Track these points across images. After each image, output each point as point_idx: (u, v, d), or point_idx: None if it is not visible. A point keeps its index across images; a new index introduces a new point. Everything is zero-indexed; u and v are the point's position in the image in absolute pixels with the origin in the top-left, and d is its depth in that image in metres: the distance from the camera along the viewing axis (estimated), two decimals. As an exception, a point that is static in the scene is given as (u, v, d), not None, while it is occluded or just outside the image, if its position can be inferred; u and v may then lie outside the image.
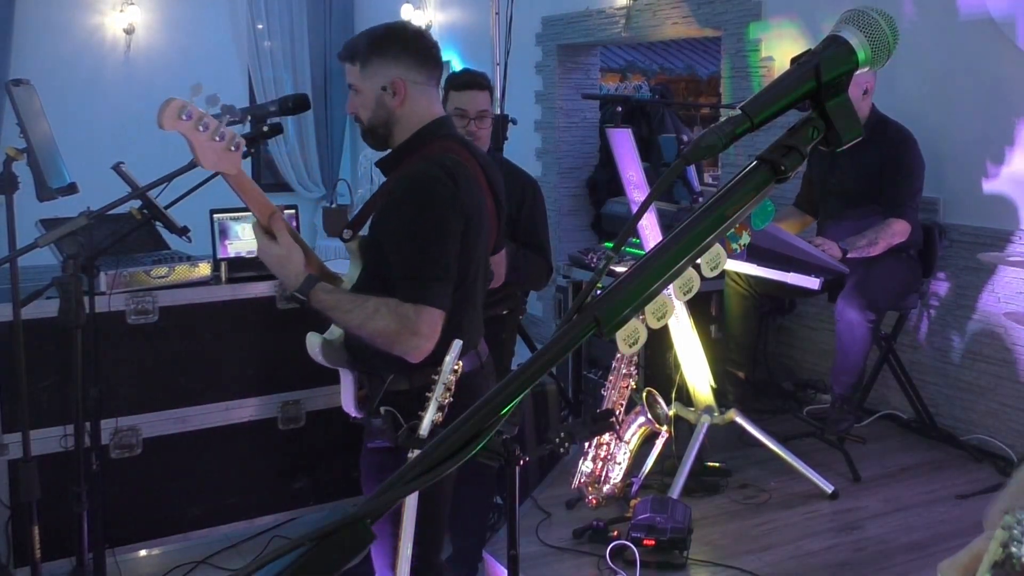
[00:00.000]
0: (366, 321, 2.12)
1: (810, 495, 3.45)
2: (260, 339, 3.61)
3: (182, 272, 3.45)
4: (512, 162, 3.71)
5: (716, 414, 3.50)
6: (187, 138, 1.98)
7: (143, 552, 3.64)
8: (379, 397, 2.21)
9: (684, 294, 0.97)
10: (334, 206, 8.33)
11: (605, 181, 6.42)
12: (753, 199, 0.85)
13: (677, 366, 3.60)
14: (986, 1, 3.82)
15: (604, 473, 3.36)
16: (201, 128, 1.97)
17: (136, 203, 2.74)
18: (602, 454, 3.35)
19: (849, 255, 3.59)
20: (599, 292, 0.81)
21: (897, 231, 3.69)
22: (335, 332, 2.30)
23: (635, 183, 3.43)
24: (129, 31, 8.14)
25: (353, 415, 2.32)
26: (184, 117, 1.95)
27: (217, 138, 2.00)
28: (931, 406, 4.08)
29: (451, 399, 2.03)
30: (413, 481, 0.75)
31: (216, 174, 2.13)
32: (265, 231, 2.16)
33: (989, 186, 3.91)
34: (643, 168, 3.43)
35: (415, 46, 2.25)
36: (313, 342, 2.26)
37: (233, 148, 2.02)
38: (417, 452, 1.93)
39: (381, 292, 2.15)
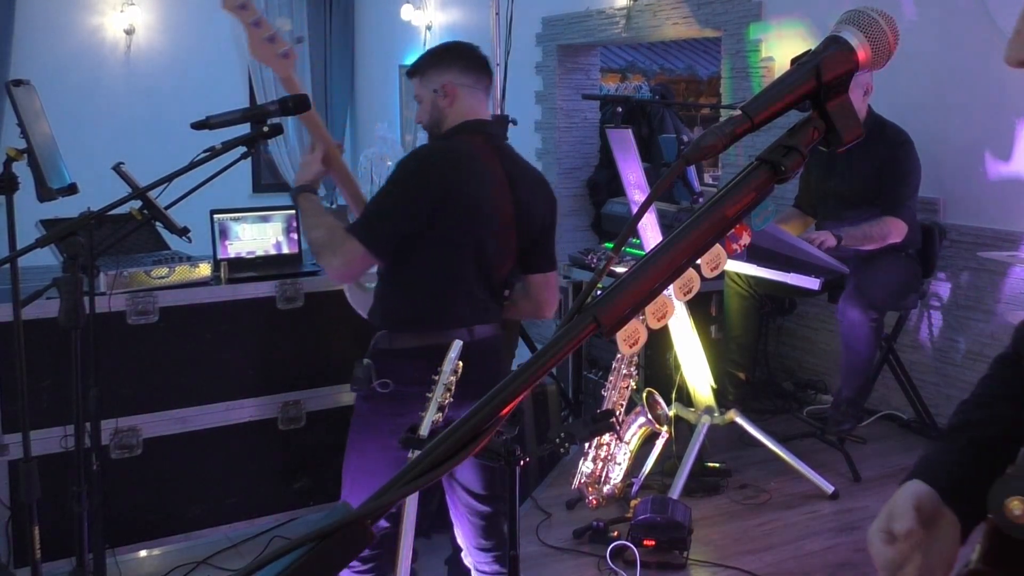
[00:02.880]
0: (310, 229, 2.50)
1: (810, 495, 3.45)
2: (260, 339, 3.61)
3: (182, 272, 3.45)
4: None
5: (716, 414, 3.50)
6: (244, 28, 2.48)
7: (143, 552, 3.64)
8: (369, 350, 2.50)
9: (684, 294, 0.97)
10: (335, 207, 8.33)
11: (605, 181, 6.42)
12: (753, 200, 0.85)
13: (677, 366, 3.60)
14: (986, 1, 3.82)
15: (604, 473, 3.36)
16: (255, 24, 2.46)
17: (136, 203, 2.74)
18: (602, 454, 3.35)
19: (843, 243, 3.59)
20: (599, 292, 0.81)
21: (892, 229, 3.69)
22: (371, 282, 2.66)
23: (635, 183, 3.43)
24: (129, 32, 8.14)
25: None
26: (242, 7, 2.42)
27: (268, 40, 2.47)
28: (931, 406, 4.07)
29: (451, 399, 2.04)
30: (413, 481, 0.75)
31: (216, 174, 2.16)
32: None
33: (989, 186, 3.91)
34: (643, 168, 3.43)
35: (464, 55, 2.61)
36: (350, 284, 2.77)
37: (282, 54, 2.50)
38: (417, 452, 1.93)
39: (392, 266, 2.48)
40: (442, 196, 2.42)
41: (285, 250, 3.86)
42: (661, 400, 3.40)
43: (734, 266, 3.66)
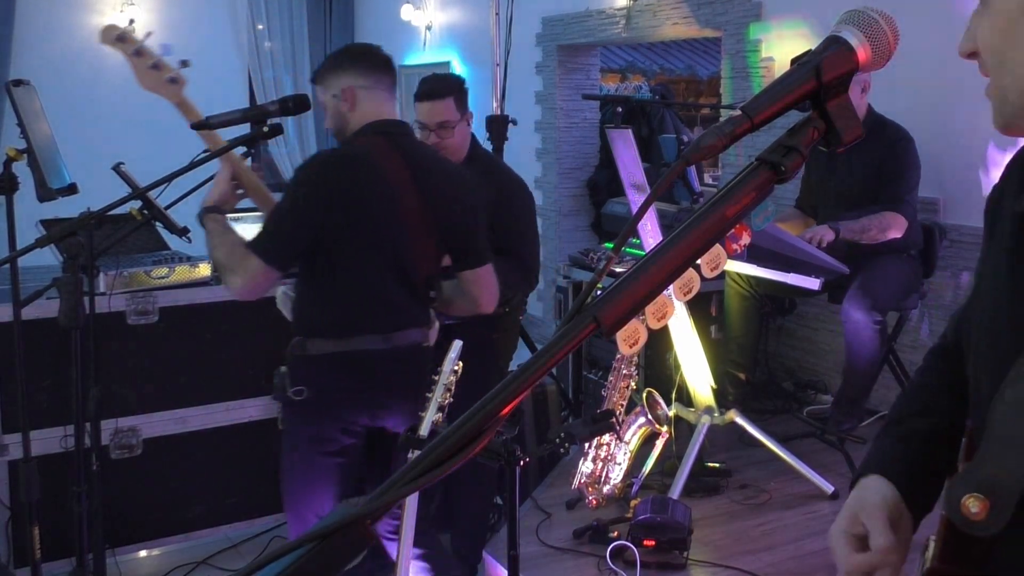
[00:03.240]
0: (213, 250, 2.48)
1: (810, 495, 3.45)
2: (260, 339, 3.61)
3: (182, 273, 3.45)
4: (498, 163, 3.65)
5: (716, 414, 3.50)
6: (127, 59, 2.54)
7: (143, 552, 3.64)
8: (290, 357, 2.52)
9: (684, 294, 0.97)
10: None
11: (605, 181, 6.42)
12: (753, 200, 0.85)
13: (677, 366, 3.59)
14: None
15: (604, 473, 3.36)
16: (136, 54, 2.52)
17: (136, 203, 2.74)
18: (602, 454, 3.35)
19: (841, 235, 3.58)
20: (599, 292, 0.81)
21: (891, 223, 3.68)
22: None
23: (635, 183, 3.43)
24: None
25: None
26: (120, 40, 2.47)
27: (153, 68, 2.49)
28: (931, 406, 4.07)
29: (451, 399, 2.04)
30: (413, 481, 0.75)
31: (216, 174, 2.17)
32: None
33: (989, 186, 3.90)
34: (643, 168, 3.42)
35: (361, 57, 2.58)
36: (279, 290, 2.78)
37: (169, 80, 2.50)
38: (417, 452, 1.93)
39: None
40: (337, 203, 2.41)
41: (285, 250, 3.85)
42: (661, 400, 3.39)
43: (734, 266, 3.66)
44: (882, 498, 1.14)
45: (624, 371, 3.36)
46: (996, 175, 4.34)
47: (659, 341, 3.85)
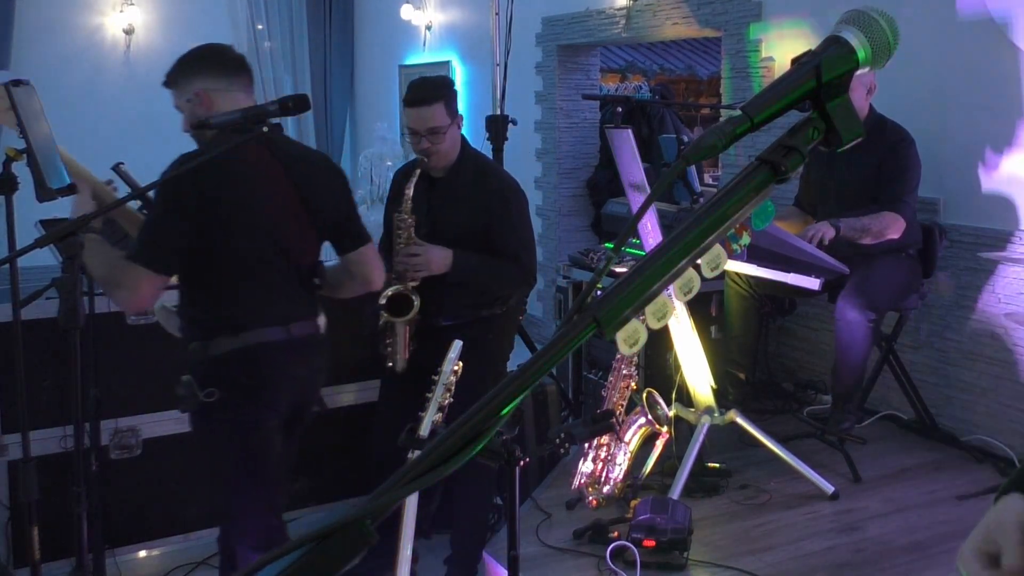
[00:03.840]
0: (93, 269, 2.45)
1: (810, 496, 3.45)
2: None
3: (182, 272, 3.44)
4: (491, 165, 3.63)
5: (716, 415, 3.50)
6: None
7: (143, 553, 3.63)
8: (190, 365, 2.52)
9: (684, 295, 0.97)
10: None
11: (605, 181, 6.42)
12: (753, 199, 0.85)
13: (677, 367, 3.59)
14: (986, 1, 3.82)
15: (604, 474, 3.36)
16: None
17: (136, 203, 2.74)
18: (602, 455, 3.35)
19: (842, 233, 3.58)
20: (599, 292, 0.81)
21: (890, 224, 3.67)
22: (171, 301, 2.70)
23: (635, 184, 3.43)
24: (129, 31, 8.14)
25: None
26: None
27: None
28: (931, 407, 4.07)
29: (451, 399, 2.04)
30: (413, 481, 0.75)
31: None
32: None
33: (989, 186, 3.91)
34: (643, 168, 3.42)
35: (212, 59, 2.57)
36: (157, 306, 2.79)
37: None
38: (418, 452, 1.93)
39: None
40: (208, 201, 2.42)
41: (285, 250, 3.85)
42: (661, 400, 3.39)
43: (734, 266, 3.66)
44: (1018, 517, 1.11)
45: (624, 371, 3.36)
46: (996, 175, 4.33)
47: (659, 341, 3.85)
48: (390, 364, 3.26)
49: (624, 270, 3.03)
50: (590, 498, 3.33)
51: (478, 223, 3.27)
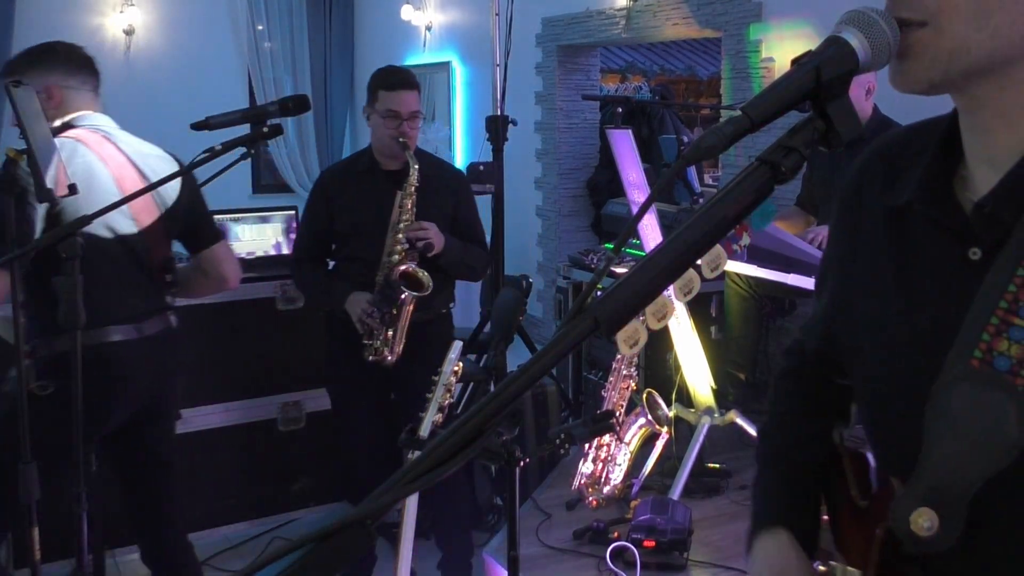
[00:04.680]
0: None
1: (810, 496, 3.45)
2: (260, 340, 3.62)
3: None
4: (437, 158, 3.71)
5: (716, 415, 3.50)
6: None
7: (143, 553, 3.63)
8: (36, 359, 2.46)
9: (684, 295, 0.97)
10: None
11: (605, 182, 6.41)
12: (753, 200, 0.85)
13: (677, 367, 3.59)
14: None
15: (604, 474, 3.36)
16: None
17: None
18: (602, 455, 3.35)
19: None
20: (599, 293, 0.81)
21: None
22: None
23: (635, 184, 3.43)
24: (129, 32, 8.14)
25: None
26: None
27: None
28: (931, 407, 4.07)
29: (451, 399, 2.04)
30: (413, 481, 0.75)
31: (216, 175, 2.17)
32: None
33: (989, 187, 3.90)
34: (643, 169, 3.43)
35: (67, 57, 2.56)
36: None
37: None
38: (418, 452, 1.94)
39: None
40: (34, 201, 2.38)
41: (285, 251, 3.86)
42: (661, 401, 3.39)
43: (734, 266, 3.66)
44: (792, 563, 1.17)
45: (624, 372, 3.36)
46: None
47: (659, 341, 3.85)
48: (372, 358, 3.20)
49: (624, 270, 3.04)
50: (590, 499, 3.33)
51: (447, 208, 3.39)
